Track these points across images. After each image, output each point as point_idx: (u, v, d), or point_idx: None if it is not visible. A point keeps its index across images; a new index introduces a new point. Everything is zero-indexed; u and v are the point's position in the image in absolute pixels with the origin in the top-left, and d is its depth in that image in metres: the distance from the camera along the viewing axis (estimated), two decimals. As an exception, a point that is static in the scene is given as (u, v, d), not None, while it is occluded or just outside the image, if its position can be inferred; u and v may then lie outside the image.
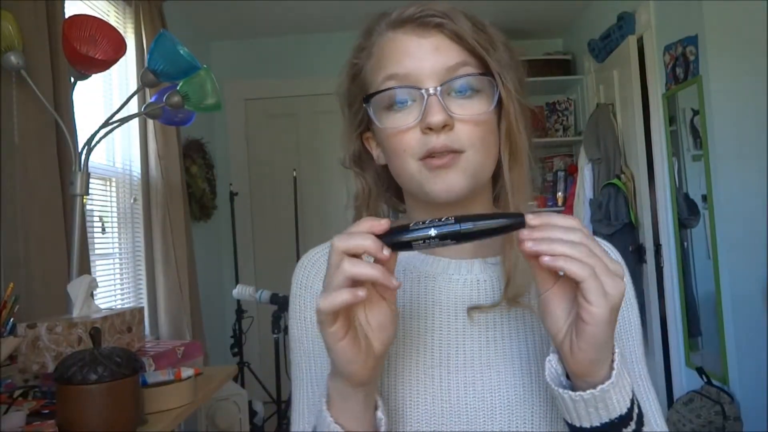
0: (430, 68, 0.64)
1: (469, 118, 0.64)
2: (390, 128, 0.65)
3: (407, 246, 0.53)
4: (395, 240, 0.53)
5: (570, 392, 0.55)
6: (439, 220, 0.53)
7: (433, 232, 0.53)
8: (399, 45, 0.66)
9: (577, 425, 0.57)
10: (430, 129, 0.63)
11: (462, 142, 0.64)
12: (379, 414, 0.60)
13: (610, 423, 0.55)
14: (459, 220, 0.53)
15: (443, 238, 0.53)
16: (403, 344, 0.69)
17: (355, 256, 0.53)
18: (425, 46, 0.65)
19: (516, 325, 0.69)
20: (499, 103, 0.66)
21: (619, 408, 0.55)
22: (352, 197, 0.75)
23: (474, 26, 0.66)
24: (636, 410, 0.57)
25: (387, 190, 0.76)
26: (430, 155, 0.64)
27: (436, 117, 0.62)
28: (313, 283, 0.73)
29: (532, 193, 0.69)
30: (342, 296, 0.51)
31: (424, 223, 0.53)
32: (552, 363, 0.58)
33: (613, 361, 0.55)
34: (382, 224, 0.53)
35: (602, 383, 0.54)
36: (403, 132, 0.65)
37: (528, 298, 0.68)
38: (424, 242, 0.53)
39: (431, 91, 0.63)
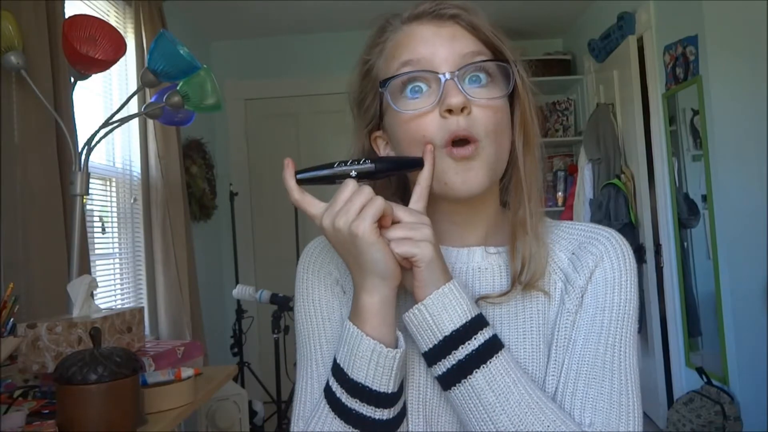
0: (446, 55, 0.66)
1: (486, 102, 0.65)
2: (408, 112, 0.66)
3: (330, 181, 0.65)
4: (317, 176, 0.64)
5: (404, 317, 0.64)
6: (358, 162, 0.64)
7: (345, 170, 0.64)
8: (415, 34, 0.68)
9: (422, 351, 0.64)
10: (450, 112, 0.64)
11: (478, 129, 0.65)
12: (398, 332, 0.64)
13: (440, 345, 0.62)
14: (373, 161, 0.64)
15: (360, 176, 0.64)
16: (405, 331, 0.69)
17: None
18: (442, 34, 0.66)
19: (516, 312, 0.70)
20: (511, 96, 0.68)
21: (439, 331, 0.62)
22: None
23: (488, 21, 0.68)
24: (475, 344, 0.61)
25: (394, 193, 0.76)
26: (452, 142, 0.65)
27: (456, 98, 0.63)
28: (321, 267, 0.74)
29: (543, 179, 0.72)
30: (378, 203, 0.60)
31: (345, 163, 0.64)
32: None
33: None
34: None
35: None
36: (421, 116, 0.66)
37: (542, 282, 0.69)
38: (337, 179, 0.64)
39: (448, 75, 0.64)
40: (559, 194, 4.02)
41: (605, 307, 0.67)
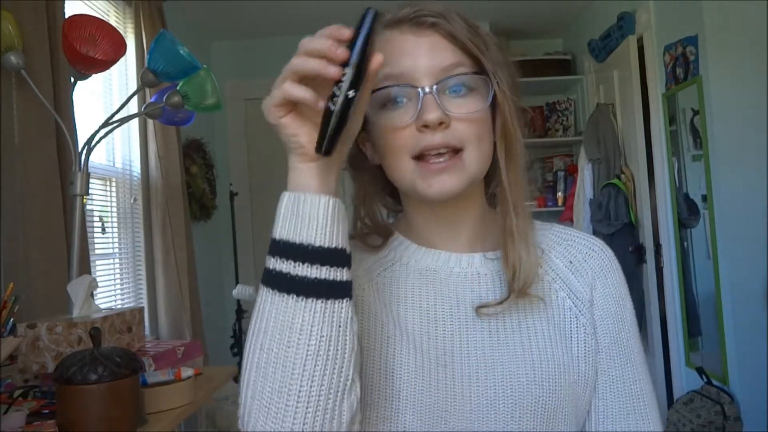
0: (426, 67, 0.65)
1: (465, 116, 0.65)
2: (386, 125, 0.66)
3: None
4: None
5: None
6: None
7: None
8: (395, 44, 0.67)
9: None
10: (426, 127, 0.64)
11: (460, 138, 0.65)
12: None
13: None
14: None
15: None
16: (405, 337, 0.68)
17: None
18: (421, 45, 0.66)
19: (518, 318, 0.69)
20: (494, 102, 0.68)
21: None
22: (351, 197, 0.76)
23: (468, 27, 0.67)
24: None
25: (383, 190, 0.77)
26: (426, 153, 0.65)
27: (432, 114, 0.63)
28: None
29: (528, 189, 0.71)
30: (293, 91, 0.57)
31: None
32: None
33: None
34: (343, 33, 0.58)
35: None
36: (399, 129, 0.66)
37: (536, 288, 0.69)
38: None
39: (427, 89, 0.64)
40: (559, 194, 4.02)
41: (622, 326, 0.71)
